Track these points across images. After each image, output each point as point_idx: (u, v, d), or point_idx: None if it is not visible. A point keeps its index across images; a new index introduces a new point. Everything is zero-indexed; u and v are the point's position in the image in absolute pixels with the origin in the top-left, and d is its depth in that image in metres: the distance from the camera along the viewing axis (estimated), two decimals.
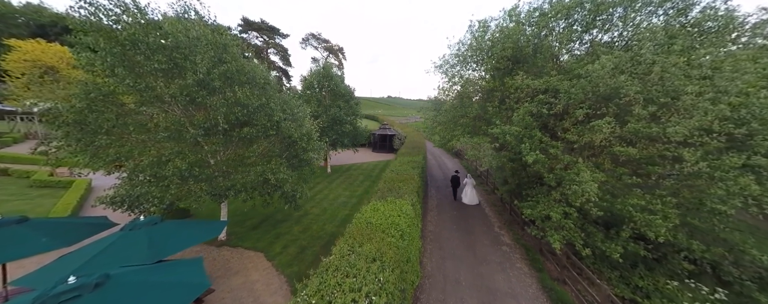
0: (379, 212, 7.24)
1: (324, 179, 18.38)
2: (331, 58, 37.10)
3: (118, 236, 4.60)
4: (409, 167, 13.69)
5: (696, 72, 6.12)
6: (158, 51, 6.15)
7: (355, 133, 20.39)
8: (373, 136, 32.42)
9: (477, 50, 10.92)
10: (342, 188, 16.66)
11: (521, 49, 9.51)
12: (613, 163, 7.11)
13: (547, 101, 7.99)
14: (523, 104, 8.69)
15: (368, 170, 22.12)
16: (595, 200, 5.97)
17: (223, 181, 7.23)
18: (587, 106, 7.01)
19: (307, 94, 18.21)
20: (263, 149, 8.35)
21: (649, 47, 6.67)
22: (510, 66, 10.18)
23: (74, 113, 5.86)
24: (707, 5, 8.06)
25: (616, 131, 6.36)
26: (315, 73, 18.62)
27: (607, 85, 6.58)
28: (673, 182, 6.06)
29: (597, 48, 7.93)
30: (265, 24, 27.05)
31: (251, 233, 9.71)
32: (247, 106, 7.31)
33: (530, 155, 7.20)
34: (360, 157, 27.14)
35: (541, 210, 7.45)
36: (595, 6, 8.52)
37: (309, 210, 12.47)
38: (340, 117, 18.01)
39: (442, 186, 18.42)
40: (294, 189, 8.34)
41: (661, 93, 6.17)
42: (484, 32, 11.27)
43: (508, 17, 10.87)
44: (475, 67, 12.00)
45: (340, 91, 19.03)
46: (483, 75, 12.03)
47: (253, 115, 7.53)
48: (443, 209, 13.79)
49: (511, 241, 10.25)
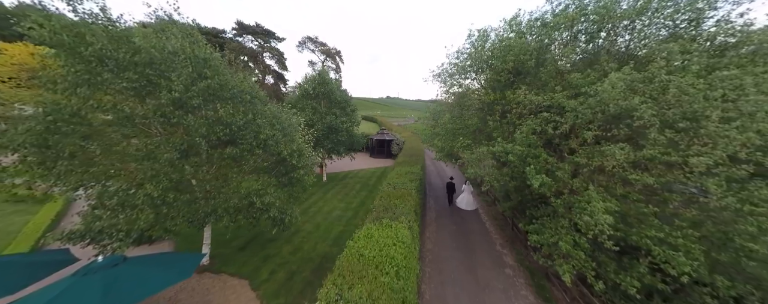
0: (373, 239, 6.66)
1: (319, 189, 17.78)
2: (328, 61, 36.57)
3: (68, 284, 3.99)
4: (407, 179, 13.13)
5: (717, 93, 5.60)
6: (129, 68, 5.56)
7: (351, 141, 19.83)
8: (371, 141, 31.87)
9: (477, 60, 10.41)
10: (337, 199, 16.06)
11: (523, 63, 8.98)
12: (624, 186, 6.57)
13: (552, 119, 7.45)
14: (525, 120, 8.16)
15: (365, 178, 21.54)
16: (609, 233, 5.42)
17: (204, 204, 6.63)
18: (596, 126, 6.47)
19: (302, 102, 17.61)
20: (250, 168, 7.75)
21: (662, 65, 6.15)
22: (511, 79, 9.67)
23: (33, 136, 5.25)
24: (722, 18, 7.55)
25: (630, 156, 5.83)
26: (310, 80, 18.04)
27: (619, 106, 6.05)
28: (695, 212, 5.52)
29: (604, 64, 7.39)
30: (259, 28, 26.46)
31: (237, 255, 9.10)
32: (230, 125, 6.73)
33: (536, 179, 6.65)
34: (357, 163, 26.54)
35: (548, 237, 6.90)
36: (600, 17, 8.02)
37: (301, 226, 11.87)
38: (336, 125, 17.43)
39: (441, 195, 17.86)
40: (282, 211, 7.75)
41: (679, 116, 5.64)
42: (484, 42, 10.77)
43: (508, 27, 10.36)
44: (475, 77, 11.50)
45: (336, 99, 18.45)
46: (482, 84, 11.54)
47: (237, 133, 6.94)
48: (442, 222, 13.24)
49: (514, 262, 9.69)
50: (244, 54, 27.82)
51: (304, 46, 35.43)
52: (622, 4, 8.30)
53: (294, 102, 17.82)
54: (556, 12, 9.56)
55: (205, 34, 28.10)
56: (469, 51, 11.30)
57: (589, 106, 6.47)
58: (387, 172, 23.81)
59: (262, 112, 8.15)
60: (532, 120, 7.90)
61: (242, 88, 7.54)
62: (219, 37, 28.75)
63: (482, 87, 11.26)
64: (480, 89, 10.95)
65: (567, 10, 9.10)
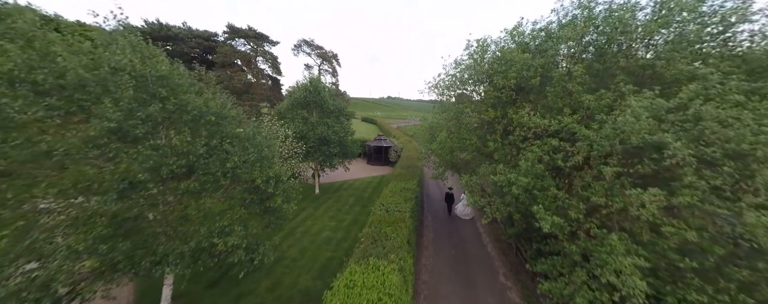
0: (355, 290, 5.66)
1: (311, 203, 16.76)
2: (325, 65, 35.61)
3: None
4: (402, 198, 12.11)
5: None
6: (51, 92, 4.57)
7: (344, 152, 18.83)
8: (368, 148, 30.90)
9: (476, 73, 9.41)
10: (328, 215, 15.05)
11: (527, 80, 7.98)
12: (651, 231, 5.54)
13: (562, 148, 6.43)
14: (530, 146, 7.15)
15: (360, 189, 20.52)
16: (642, 301, 4.41)
17: (150, 252, 5.57)
18: (616, 161, 5.44)
19: (292, 112, 16.62)
20: (215, 201, 6.74)
21: (696, 91, 5.13)
22: (513, 96, 8.65)
23: None
24: (758, 31, 6.52)
25: (661, 202, 4.80)
26: (301, 88, 17.05)
27: (644, 139, 5.03)
28: (746, 273, 4.49)
29: (621, 85, 6.36)
30: (252, 31, 25.50)
31: (207, 294, 8.09)
32: (187, 154, 5.73)
33: (545, 221, 5.64)
34: (353, 171, 25.50)
35: (561, 287, 5.87)
36: (612, 28, 7.01)
37: (285, 251, 10.87)
38: (328, 137, 16.41)
39: (440, 209, 16.86)
40: (252, 250, 6.75)
41: (719, 154, 4.60)
42: (483, 53, 9.78)
43: (510, 37, 9.34)
44: (472, 89, 10.52)
45: (329, 108, 17.46)
46: (481, 96, 10.55)
47: (198, 163, 5.94)
48: (440, 245, 12.22)
49: (520, 300, 8.65)
50: (237, 58, 26.84)
51: (299, 50, 34.46)
52: (637, 15, 7.31)
53: (283, 111, 16.84)
54: (562, 23, 8.55)
55: (196, 37, 27.18)
56: (467, 62, 10.33)
57: (606, 137, 5.45)
58: (384, 181, 22.81)
59: (234, 134, 7.16)
60: (539, 146, 6.88)
61: (208, 109, 6.53)
62: (211, 40, 27.80)
63: (482, 100, 10.24)
64: (479, 103, 9.92)
65: (575, 21, 8.09)
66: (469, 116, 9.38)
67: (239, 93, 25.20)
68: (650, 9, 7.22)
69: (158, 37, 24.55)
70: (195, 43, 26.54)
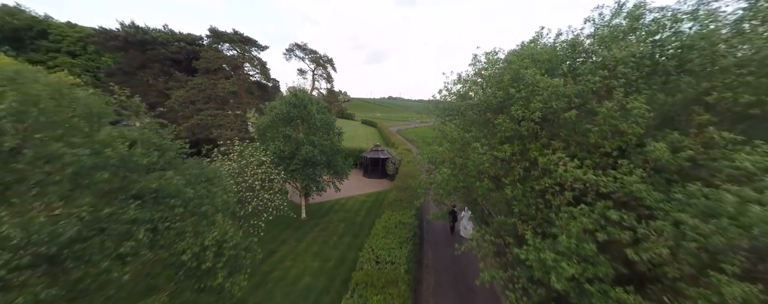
0: None
1: (294, 233, 14.74)
2: (319, 70, 33.56)
3: None
4: (396, 240, 10.14)
5: None
6: None
7: (335, 171, 16.79)
8: (365, 160, 28.89)
9: (485, 99, 7.40)
10: (312, 251, 13.01)
11: (557, 113, 5.95)
12: None
13: (628, 224, 4.34)
14: (568, 206, 5.10)
15: (353, 211, 18.50)
16: None
17: None
18: (737, 265, 3.36)
19: (272, 131, 14.57)
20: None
21: None
22: (537, 129, 6.60)
23: None
24: None
25: None
26: (284, 102, 14.98)
27: None
28: None
29: (715, 134, 4.29)
30: (237, 35, 23.52)
31: None
32: (41, 244, 3.67)
33: None
34: (347, 186, 23.40)
35: None
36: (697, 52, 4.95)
37: None
38: (314, 158, 14.35)
39: (441, 241, 14.84)
40: None
41: None
42: (493, 66, 7.77)
43: (527, 53, 7.26)
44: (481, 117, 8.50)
45: (316, 123, 15.41)
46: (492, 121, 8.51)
47: (60, 254, 3.89)
48: (442, 293, 10.20)
49: None
50: (222, 63, 24.86)
51: (292, 54, 32.36)
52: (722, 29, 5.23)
53: (263, 129, 14.82)
54: (602, 36, 6.46)
55: (179, 41, 25.22)
56: (473, 78, 8.31)
57: (720, 230, 3.36)
58: (379, 200, 20.77)
59: (148, 189, 5.11)
60: (584, 213, 4.80)
61: (103, 159, 4.47)
62: (195, 44, 25.85)
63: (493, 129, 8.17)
64: (489, 135, 7.86)
65: (624, 33, 6.02)
66: (479, 153, 7.31)
67: (223, 102, 23.17)
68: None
69: (134, 41, 22.60)
70: (177, 47, 24.60)
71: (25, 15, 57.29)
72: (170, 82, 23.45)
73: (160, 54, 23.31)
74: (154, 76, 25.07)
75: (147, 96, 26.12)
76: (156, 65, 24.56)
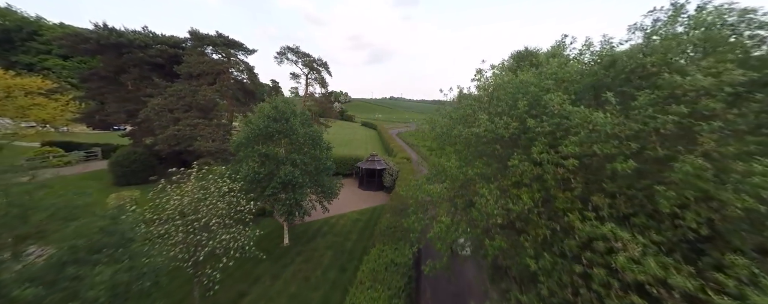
0: None
1: (272, 266, 12.89)
2: (313, 74, 31.67)
3: None
4: (385, 295, 8.25)
5: None
6: None
7: (323, 190, 14.95)
8: (360, 170, 27.09)
9: (492, 130, 5.55)
10: (289, 293, 11.16)
11: (603, 160, 4.13)
12: None
13: None
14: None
15: (343, 234, 16.67)
16: None
17: None
18: None
19: (247, 149, 12.73)
20: None
21: None
22: (570, 178, 4.75)
23: None
24: None
25: None
26: (261, 115, 13.16)
27: None
28: None
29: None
30: (221, 38, 21.74)
31: None
32: None
33: None
34: (341, 200, 21.60)
35: None
36: None
37: None
38: (295, 180, 12.50)
39: (443, 277, 12.94)
40: None
41: None
42: (502, 88, 5.94)
43: (552, 76, 5.43)
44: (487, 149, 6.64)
45: (300, 139, 13.57)
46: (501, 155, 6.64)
47: None
48: None
49: None
50: (207, 67, 23.05)
51: (283, 57, 30.47)
52: None
53: (236, 147, 12.98)
54: (653, 46, 4.62)
55: (160, 44, 23.52)
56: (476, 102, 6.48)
57: None
58: (374, 219, 18.94)
59: None
60: None
61: None
62: (178, 48, 24.12)
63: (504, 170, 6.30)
64: (500, 177, 6.00)
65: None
66: (485, 199, 5.44)
67: (205, 110, 21.39)
68: None
69: (107, 44, 20.86)
70: (156, 50, 22.87)
71: (15, 16, 56.01)
72: (148, 88, 21.70)
73: (138, 58, 21.56)
74: (133, 81, 23.34)
75: (126, 103, 24.42)
76: (135, 70, 22.82)
